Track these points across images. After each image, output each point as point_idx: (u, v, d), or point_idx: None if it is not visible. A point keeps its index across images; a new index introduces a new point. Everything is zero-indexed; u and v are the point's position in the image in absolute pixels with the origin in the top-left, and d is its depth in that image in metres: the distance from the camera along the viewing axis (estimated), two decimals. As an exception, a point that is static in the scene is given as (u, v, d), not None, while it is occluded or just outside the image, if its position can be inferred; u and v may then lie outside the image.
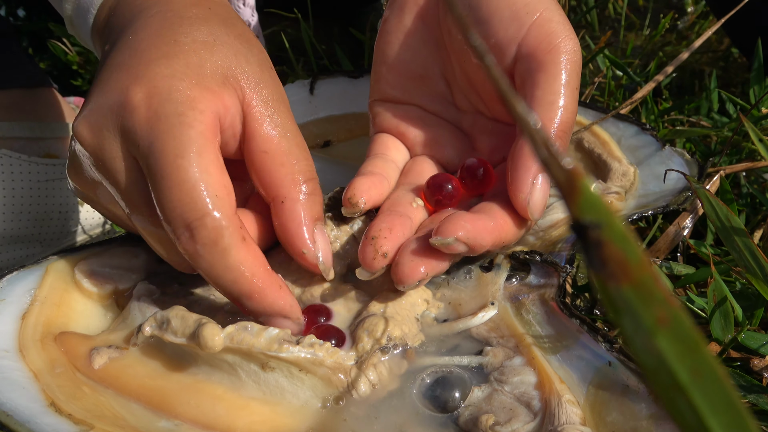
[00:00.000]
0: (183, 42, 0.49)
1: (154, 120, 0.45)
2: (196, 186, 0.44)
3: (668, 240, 0.61)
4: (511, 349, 0.47)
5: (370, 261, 0.48)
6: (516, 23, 0.50)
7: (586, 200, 0.17)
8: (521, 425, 0.42)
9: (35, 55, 1.24)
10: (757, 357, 0.48)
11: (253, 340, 0.43)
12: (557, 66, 0.49)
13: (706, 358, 0.16)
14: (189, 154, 0.44)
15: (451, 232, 0.46)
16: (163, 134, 0.44)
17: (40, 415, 0.41)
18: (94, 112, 0.47)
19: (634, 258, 0.16)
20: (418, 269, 0.47)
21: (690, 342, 0.16)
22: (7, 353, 0.46)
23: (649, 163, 0.66)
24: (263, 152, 0.49)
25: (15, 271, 0.53)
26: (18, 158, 0.77)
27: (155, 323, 0.46)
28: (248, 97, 0.49)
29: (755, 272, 0.42)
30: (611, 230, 0.16)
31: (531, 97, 0.49)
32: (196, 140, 0.45)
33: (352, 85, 0.76)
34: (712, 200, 0.45)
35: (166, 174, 0.44)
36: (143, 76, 0.46)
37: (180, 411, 0.44)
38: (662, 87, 0.90)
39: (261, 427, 0.44)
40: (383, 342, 0.46)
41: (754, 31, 0.81)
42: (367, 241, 0.49)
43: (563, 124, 0.49)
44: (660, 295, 0.16)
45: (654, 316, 0.16)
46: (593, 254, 0.17)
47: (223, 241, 0.44)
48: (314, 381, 0.44)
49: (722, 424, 0.16)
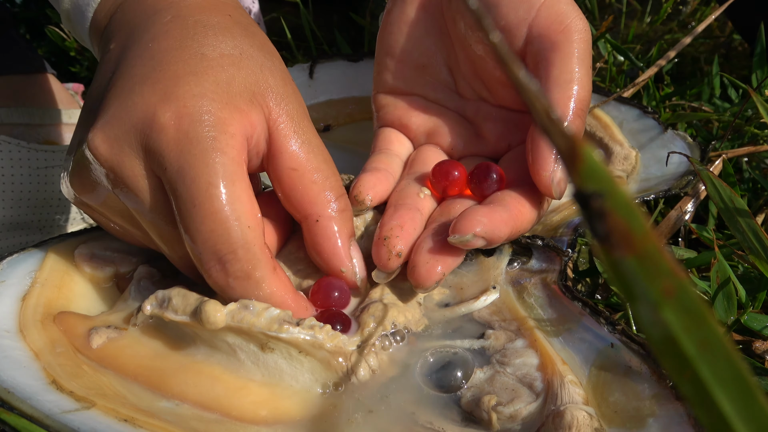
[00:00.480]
0: (210, 56, 0.47)
1: (185, 142, 0.44)
2: (230, 218, 0.43)
3: (670, 224, 0.61)
4: (513, 332, 0.47)
5: (385, 262, 0.48)
6: (525, 5, 0.51)
7: (588, 168, 0.16)
8: (524, 405, 0.42)
9: (32, 41, 1.23)
10: (759, 340, 0.48)
11: (254, 319, 0.43)
12: (570, 45, 0.49)
13: (714, 330, 0.16)
14: (222, 182, 0.43)
15: (469, 228, 0.45)
16: (194, 159, 0.43)
17: (41, 393, 0.41)
18: (114, 127, 0.45)
19: (638, 228, 0.16)
20: (435, 269, 0.47)
21: (697, 313, 0.16)
22: (7, 333, 0.46)
23: (651, 147, 0.66)
24: (292, 170, 0.48)
25: (15, 254, 0.53)
26: (17, 144, 0.76)
27: (156, 302, 0.46)
28: (274, 113, 0.48)
29: (759, 253, 0.41)
30: (615, 200, 0.16)
31: (547, 77, 0.49)
32: (229, 167, 0.44)
33: (352, 68, 0.76)
34: (716, 181, 0.44)
35: (198, 203, 0.43)
36: (172, 94, 0.45)
37: (178, 391, 0.44)
38: (664, 73, 0.90)
39: (260, 407, 0.44)
40: (388, 328, 0.46)
41: (757, 15, 0.81)
42: (380, 242, 0.49)
43: (581, 101, 0.49)
44: (666, 266, 0.16)
45: (659, 287, 0.16)
46: (596, 224, 0.16)
47: (256, 274, 0.44)
48: (314, 364, 0.44)
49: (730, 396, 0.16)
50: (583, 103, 0.49)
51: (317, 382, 0.45)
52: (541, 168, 0.47)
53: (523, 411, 0.42)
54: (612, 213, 0.15)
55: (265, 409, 0.44)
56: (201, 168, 0.43)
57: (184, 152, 0.43)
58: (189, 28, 0.48)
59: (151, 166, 0.45)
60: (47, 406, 0.40)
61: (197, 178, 0.43)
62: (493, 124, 0.57)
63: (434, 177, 0.53)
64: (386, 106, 0.60)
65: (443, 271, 0.47)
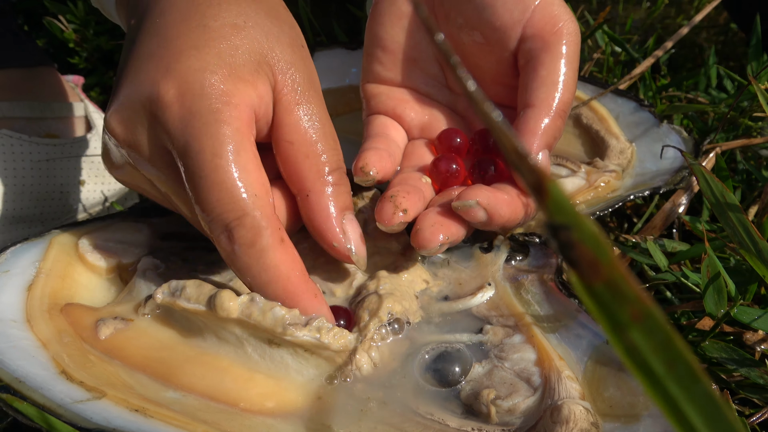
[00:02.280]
0: (212, 27, 0.47)
1: (189, 117, 0.44)
2: (235, 186, 0.43)
3: (664, 217, 0.62)
4: (510, 327, 0.48)
5: (389, 216, 0.48)
6: (520, 6, 0.52)
7: (555, 202, 0.17)
8: (522, 399, 0.43)
9: (31, 32, 1.23)
10: (750, 331, 0.49)
11: (260, 317, 0.44)
12: (560, 46, 0.51)
13: (680, 351, 0.17)
14: (226, 153, 0.44)
15: (473, 196, 0.47)
16: (198, 133, 0.44)
17: (52, 382, 0.42)
18: (125, 107, 0.46)
19: (604, 258, 0.17)
20: (438, 234, 0.47)
21: (663, 336, 0.17)
22: (15, 323, 0.47)
23: (646, 141, 0.67)
24: (288, 143, 0.48)
25: (19, 243, 0.53)
26: (18, 138, 0.77)
27: (168, 290, 0.47)
28: (280, 82, 0.48)
29: (749, 248, 0.42)
30: (581, 231, 0.17)
31: (535, 76, 0.51)
32: (233, 137, 0.44)
33: (350, 56, 0.76)
34: (708, 177, 0.45)
35: (204, 174, 0.43)
36: (174, 69, 0.45)
37: (186, 382, 0.45)
38: (660, 63, 0.90)
39: (266, 399, 0.45)
40: (384, 318, 0.47)
41: (753, 6, 0.81)
42: (385, 200, 0.49)
43: (564, 103, 0.51)
44: (631, 293, 0.17)
45: (627, 312, 0.17)
46: (566, 254, 0.17)
47: (261, 241, 0.44)
48: (318, 361, 0.45)
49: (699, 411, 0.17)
50: (566, 104, 0.51)
51: (321, 375, 0.46)
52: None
53: (521, 405, 0.43)
54: (579, 244, 0.16)
55: (271, 400, 0.45)
56: (205, 140, 0.44)
57: (189, 127, 0.44)
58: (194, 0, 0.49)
59: (162, 142, 0.46)
60: (58, 396, 0.41)
61: (202, 151, 0.44)
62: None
63: (434, 169, 0.54)
64: (379, 95, 0.60)
65: (446, 237, 0.48)
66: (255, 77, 0.46)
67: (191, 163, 0.44)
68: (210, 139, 0.44)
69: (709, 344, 0.47)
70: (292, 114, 0.48)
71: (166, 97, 0.45)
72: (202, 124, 0.44)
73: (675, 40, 0.73)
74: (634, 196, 0.58)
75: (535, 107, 0.51)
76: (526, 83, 0.52)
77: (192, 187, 0.44)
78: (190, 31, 0.47)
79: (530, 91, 0.51)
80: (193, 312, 0.46)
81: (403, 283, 0.51)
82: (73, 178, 0.82)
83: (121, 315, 0.49)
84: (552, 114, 0.50)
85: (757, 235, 0.42)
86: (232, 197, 0.43)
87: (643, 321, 0.16)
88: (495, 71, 0.56)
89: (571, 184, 0.61)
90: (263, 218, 0.44)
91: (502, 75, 0.56)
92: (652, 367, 0.16)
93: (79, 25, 1.11)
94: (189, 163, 0.44)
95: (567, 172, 0.63)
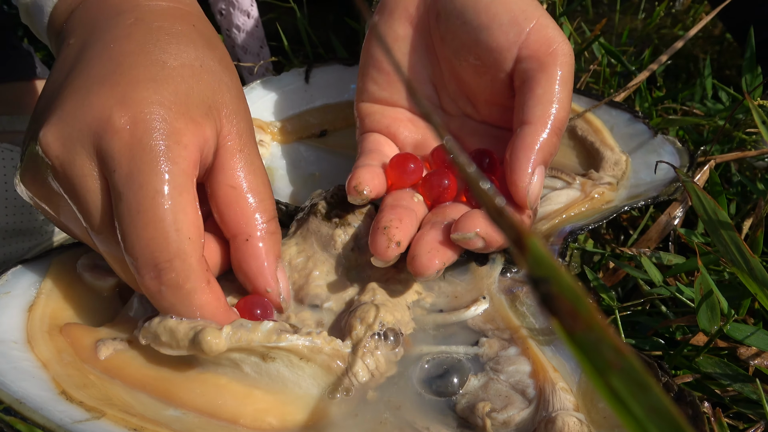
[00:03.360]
0: (172, 66, 0.47)
1: (138, 149, 0.44)
2: (171, 226, 0.43)
3: (659, 229, 0.63)
4: (506, 340, 0.49)
5: (383, 250, 0.49)
6: (516, 28, 0.53)
7: (534, 258, 0.18)
8: (517, 412, 0.44)
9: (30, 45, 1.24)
10: (744, 346, 0.49)
11: (251, 335, 0.44)
12: (556, 67, 0.52)
13: (658, 397, 0.17)
14: (169, 191, 0.43)
15: (471, 227, 0.48)
16: (145, 166, 0.43)
17: (52, 403, 0.42)
18: (68, 124, 0.45)
19: (583, 309, 0.17)
20: (434, 260, 0.48)
21: (641, 383, 0.17)
22: (15, 344, 0.47)
23: (641, 152, 0.67)
24: (230, 187, 0.49)
25: (19, 265, 0.54)
26: (18, 152, 0.77)
27: (150, 335, 0.46)
28: (225, 129, 0.49)
29: (740, 265, 0.43)
30: (560, 284, 0.18)
31: (532, 95, 0.52)
32: (178, 177, 0.44)
33: (348, 72, 0.76)
34: (700, 194, 0.46)
35: (143, 209, 0.43)
36: (130, 98, 0.45)
37: (186, 400, 0.45)
38: (656, 74, 0.90)
39: (265, 414, 0.45)
40: (375, 328, 0.47)
41: (748, 19, 0.82)
42: (379, 231, 0.50)
43: (559, 120, 0.52)
44: (610, 343, 0.17)
45: (606, 360, 0.17)
46: (547, 305, 0.18)
47: (189, 284, 0.44)
48: (314, 369, 0.46)
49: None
50: (562, 122, 0.52)
51: (319, 386, 0.46)
52: (519, 179, 0.50)
53: (516, 417, 0.44)
54: (559, 296, 0.17)
55: (270, 415, 0.45)
56: (150, 176, 0.43)
57: (136, 158, 0.44)
58: (152, 32, 0.49)
59: (101, 167, 0.45)
60: (58, 416, 0.41)
61: (145, 185, 0.43)
62: (477, 139, 0.59)
63: (426, 186, 0.54)
64: (373, 114, 0.61)
65: (443, 262, 0.49)
66: (204, 120, 0.47)
67: (131, 195, 0.43)
68: (156, 176, 0.43)
69: (704, 359, 0.48)
70: (236, 159, 0.49)
71: (118, 123, 0.44)
72: (150, 158, 0.43)
73: (670, 53, 0.74)
74: (629, 208, 0.58)
75: (532, 124, 0.51)
76: (522, 102, 0.53)
77: (125, 221, 0.43)
78: (150, 65, 0.47)
79: (527, 109, 0.52)
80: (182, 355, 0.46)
81: (395, 294, 0.51)
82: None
83: (119, 336, 0.49)
84: (548, 130, 0.51)
85: (749, 252, 0.42)
86: (166, 238, 0.43)
87: (621, 368, 0.17)
88: (490, 92, 0.57)
89: (566, 196, 0.62)
90: (193, 261, 0.44)
91: (497, 95, 0.57)
92: (632, 411, 0.17)
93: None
94: (128, 195, 0.43)
95: (562, 183, 0.63)
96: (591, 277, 0.57)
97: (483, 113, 0.59)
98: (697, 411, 0.39)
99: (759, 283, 0.43)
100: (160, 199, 0.43)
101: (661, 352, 0.53)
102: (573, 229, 0.56)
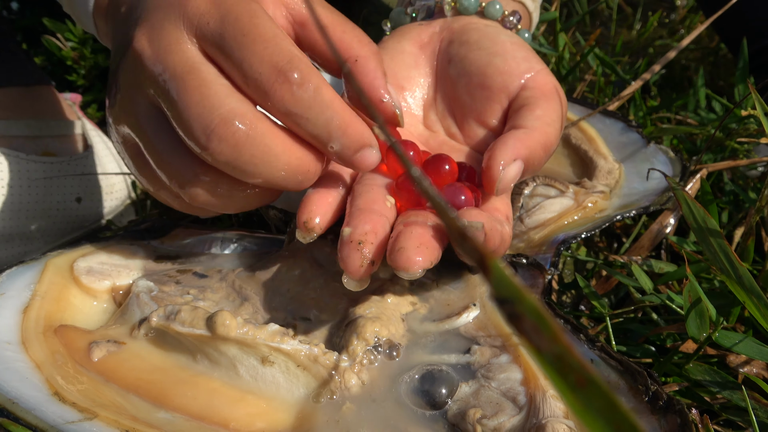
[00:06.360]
0: None
1: (221, 1, 0.46)
2: (278, 35, 0.45)
3: (651, 237, 0.63)
4: (498, 347, 0.49)
5: (356, 269, 0.45)
6: (526, 63, 0.57)
7: (498, 280, 0.18)
8: (507, 418, 0.44)
9: (29, 50, 1.24)
10: (734, 354, 0.50)
11: (258, 332, 0.45)
12: (557, 100, 0.56)
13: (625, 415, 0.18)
14: (263, 15, 0.46)
15: (476, 217, 0.46)
16: (233, 6, 0.46)
17: (44, 403, 0.43)
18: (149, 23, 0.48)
19: (547, 330, 0.18)
20: (422, 256, 0.44)
21: (607, 401, 0.18)
22: (9, 345, 0.48)
23: (634, 161, 0.68)
24: (324, 26, 0.51)
25: (14, 266, 0.54)
26: (16, 156, 0.77)
27: (163, 314, 0.48)
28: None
29: (729, 274, 0.43)
30: (524, 305, 0.18)
31: (529, 113, 0.54)
32: (265, 12, 0.47)
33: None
34: (690, 202, 0.46)
35: (247, 31, 0.45)
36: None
37: (178, 403, 0.46)
38: (651, 84, 0.91)
39: (256, 419, 0.45)
40: (371, 341, 0.48)
41: (741, 29, 0.83)
42: (352, 246, 0.45)
43: (550, 137, 0.53)
44: (574, 362, 0.18)
45: (572, 379, 0.18)
46: (514, 324, 0.18)
47: (316, 79, 0.45)
48: (309, 379, 0.46)
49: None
50: (552, 142, 0.53)
51: (311, 395, 0.46)
52: (494, 163, 0.50)
53: (507, 424, 0.44)
54: (524, 316, 0.18)
55: (261, 420, 0.45)
56: (241, 8, 0.46)
57: (223, 5, 0.46)
58: None
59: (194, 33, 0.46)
60: (51, 417, 0.41)
61: (240, 16, 0.45)
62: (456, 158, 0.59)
63: (400, 189, 0.51)
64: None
65: (430, 260, 0.45)
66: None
67: (230, 29, 0.45)
68: (246, 5, 0.46)
69: (693, 366, 0.48)
70: (319, 5, 0.52)
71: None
72: (235, 1, 0.46)
73: (663, 63, 0.75)
74: (621, 217, 0.58)
75: (525, 128, 0.52)
76: (517, 116, 0.54)
77: (235, 49, 0.45)
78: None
79: (520, 120, 0.53)
80: (187, 335, 0.46)
81: (389, 306, 0.51)
82: (69, 196, 0.83)
83: (113, 338, 0.50)
84: (537, 137, 0.51)
85: (737, 260, 0.43)
86: (277, 44, 0.45)
87: (586, 387, 0.17)
88: (484, 111, 0.58)
89: (559, 205, 0.62)
90: (309, 63, 0.46)
91: (490, 116, 0.58)
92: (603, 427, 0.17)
93: (77, 43, 1.12)
94: (228, 30, 0.45)
95: (555, 192, 0.64)
96: (583, 285, 0.57)
97: (467, 135, 0.59)
98: (686, 420, 0.40)
99: (747, 291, 0.43)
100: (257, 20, 0.45)
101: (652, 360, 0.53)
102: (566, 238, 0.56)
